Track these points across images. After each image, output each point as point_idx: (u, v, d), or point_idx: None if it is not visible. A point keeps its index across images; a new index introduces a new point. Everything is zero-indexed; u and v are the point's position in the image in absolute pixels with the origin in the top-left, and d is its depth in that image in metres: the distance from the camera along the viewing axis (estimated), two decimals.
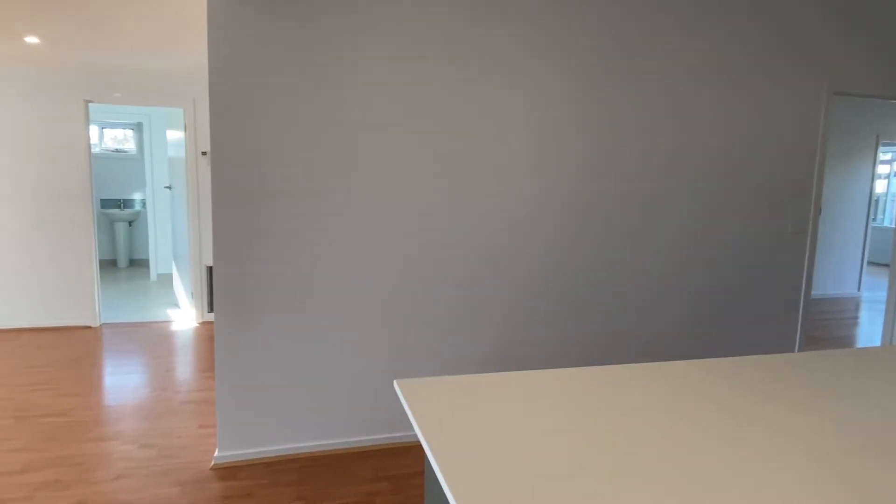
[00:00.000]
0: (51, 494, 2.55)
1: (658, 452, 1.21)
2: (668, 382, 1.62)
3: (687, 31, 3.23)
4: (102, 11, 3.11)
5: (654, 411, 1.42)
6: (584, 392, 1.54)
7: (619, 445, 1.23)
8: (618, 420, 1.36)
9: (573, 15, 3.03)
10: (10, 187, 4.86)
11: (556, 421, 1.35)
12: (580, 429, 1.31)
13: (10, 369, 4.06)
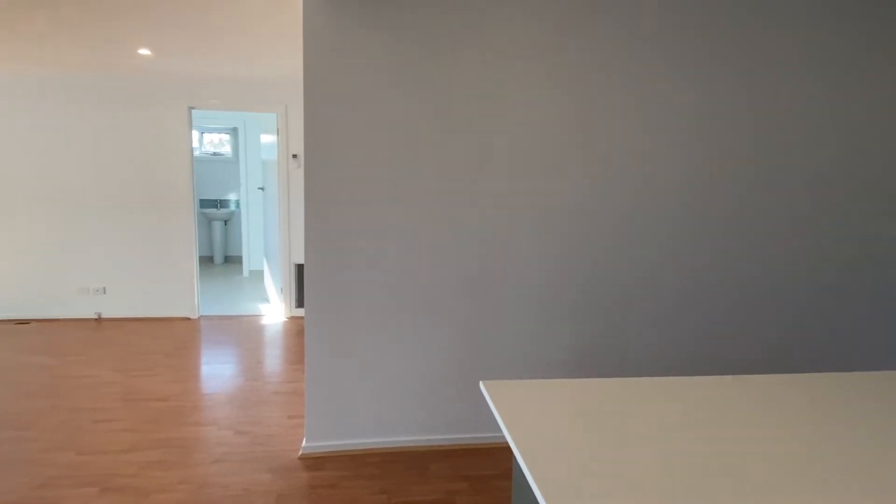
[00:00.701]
0: (156, 473, 2.75)
1: (769, 469, 1.13)
2: (774, 396, 1.52)
3: (782, 26, 3.02)
4: (207, 25, 3.33)
5: (753, 425, 1.33)
6: (678, 401, 1.47)
7: (716, 459, 1.16)
8: (711, 432, 1.29)
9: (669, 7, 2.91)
10: (121, 188, 5.30)
11: (652, 431, 1.30)
12: (681, 440, 1.25)
13: (120, 356, 4.42)
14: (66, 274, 5.34)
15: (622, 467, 1.13)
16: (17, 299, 5.31)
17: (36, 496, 2.53)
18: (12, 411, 3.38)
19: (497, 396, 1.48)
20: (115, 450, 2.96)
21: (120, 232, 5.35)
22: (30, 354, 4.40)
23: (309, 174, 2.76)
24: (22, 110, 5.11)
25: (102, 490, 2.59)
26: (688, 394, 1.52)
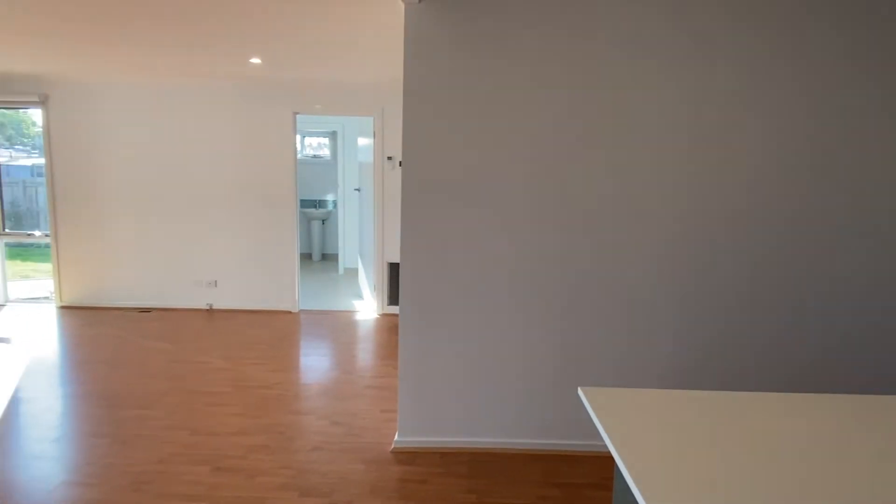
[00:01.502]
0: (260, 457, 2.93)
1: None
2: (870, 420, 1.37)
3: None
4: (313, 35, 3.50)
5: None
6: (797, 418, 1.36)
7: (842, 488, 1.07)
8: (836, 457, 1.18)
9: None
10: (232, 189, 5.69)
11: (768, 451, 1.21)
12: (798, 463, 1.16)
13: (230, 345, 4.75)
14: (184, 267, 5.82)
15: (735, 489, 1.06)
16: (141, 290, 5.85)
17: (157, 470, 2.78)
18: (137, 391, 3.73)
19: (597, 403, 1.44)
20: (226, 432, 3.18)
21: (231, 229, 5.76)
22: (151, 340, 4.83)
23: (406, 176, 2.83)
24: (148, 117, 5.62)
25: (214, 469, 2.80)
26: (809, 412, 1.41)
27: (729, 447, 1.23)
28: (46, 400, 3.58)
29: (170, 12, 3.10)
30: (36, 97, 5.54)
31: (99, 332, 5.02)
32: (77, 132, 5.64)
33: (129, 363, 4.25)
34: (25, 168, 10.59)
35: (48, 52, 4.25)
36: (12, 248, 7.31)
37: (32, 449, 2.97)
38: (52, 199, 5.72)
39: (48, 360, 4.32)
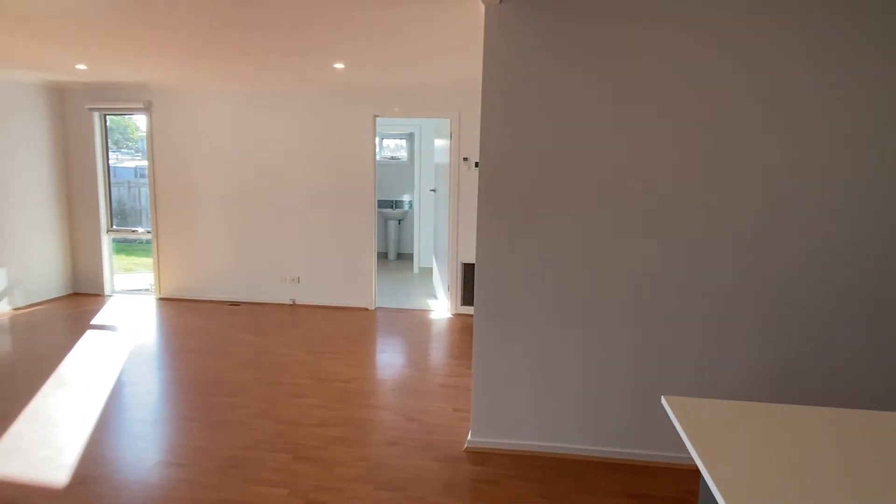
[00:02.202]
0: (339, 448, 3.02)
1: None
2: None
3: None
4: (393, 40, 3.58)
5: None
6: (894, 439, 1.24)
7: None
8: None
9: None
10: (315, 189, 5.92)
11: (867, 473, 1.12)
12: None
13: (310, 339, 4.94)
14: (269, 264, 6.11)
15: None
16: (231, 284, 6.20)
17: (243, 455, 2.93)
18: (226, 380, 3.96)
19: (683, 414, 1.39)
20: (307, 423, 3.31)
21: (313, 228, 5.99)
22: (240, 332, 5.11)
23: (483, 177, 2.83)
24: (238, 121, 5.95)
25: (295, 458, 2.92)
26: None
27: (827, 468, 1.14)
28: (146, 384, 3.86)
29: (261, 24, 3.26)
30: (141, 104, 6.00)
31: (193, 323, 5.37)
32: (176, 136, 6.06)
33: (220, 353, 4.52)
34: (130, 170, 11.53)
35: (153, 63, 4.59)
36: (118, 244, 7.95)
37: (134, 429, 3.22)
38: (154, 199, 6.17)
39: (148, 347, 4.67)
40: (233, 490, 2.61)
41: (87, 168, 6.26)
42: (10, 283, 5.69)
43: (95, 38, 3.74)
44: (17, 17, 3.27)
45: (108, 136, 6.40)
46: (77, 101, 6.15)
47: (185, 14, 3.14)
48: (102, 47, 4.04)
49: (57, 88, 6.10)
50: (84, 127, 6.19)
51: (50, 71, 5.15)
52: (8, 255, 5.64)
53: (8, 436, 3.09)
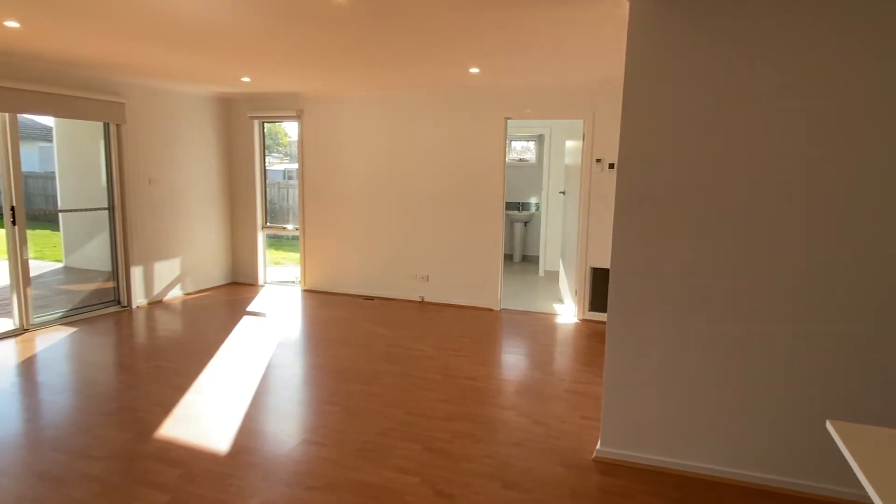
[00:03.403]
0: (466, 443, 3.10)
1: None
2: None
3: None
4: (531, 41, 3.59)
5: None
6: None
7: None
8: None
9: None
10: (447, 190, 6.09)
11: None
12: None
13: (438, 336, 5.10)
14: (401, 262, 6.40)
15: None
16: (366, 279, 6.58)
17: (377, 441, 3.10)
18: (361, 369, 4.21)
19: (853, 442, 1.25)
20: (435, 416, 3.43)
21: (443, 228, 6.17)
22: (373, 325, 5.40)
23: (622, 179, 2.75)
24: (377, 125, 6.29)
25: (425, 448, 3.03)
26: None
27: None
28: (292, 368, 4.22)
29: (403, 35, 3.43)
30: (294, 112, 6.57)
31: (332, 314, 5.77)
32: (322, 141, 6.55)
33: (356, 343, 4.81)
34: (279, 172, 12.67)
35: (305, 75, 5.01)
36: (269, 240, 8.74)
37: (282, 408, 3.53)
38: (302, 199, 6.72)
39: (293, 334, 5.10)
40: (368, 473, 2.78)
41: (247, 170, 6.97)
42: (183, 271, 6.50)
43: (259, 54, 4.16)
44: (199, 40, 3.73)
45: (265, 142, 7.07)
46: (240, 110, 6.87)
47: (334, 31, 3.39)
48: (264, 62, 4.49)
49: (224, 99, 6.86)
50: (245, 133, 6.91)
51: (220, 84, 5.81)
52: (182, 247, 6.45)
53: (182, 404, 3.54)
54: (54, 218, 10.54)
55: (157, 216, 6.09)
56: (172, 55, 4.30)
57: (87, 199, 7.07)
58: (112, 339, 4.87)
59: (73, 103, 5.11)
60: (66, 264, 7.79)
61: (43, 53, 4.38)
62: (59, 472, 2.73)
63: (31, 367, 4.15)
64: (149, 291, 6.08)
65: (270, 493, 2.59)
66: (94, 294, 5.99)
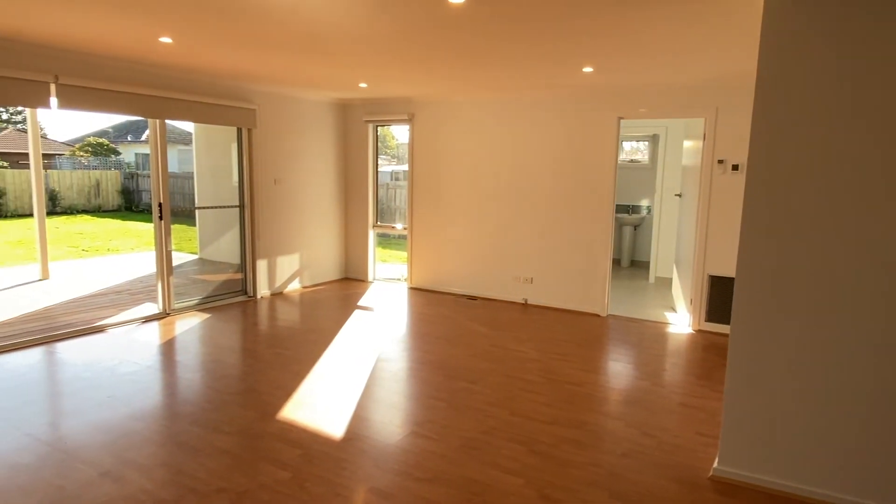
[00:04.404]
0: (571, 449, 3.04)
1: None
2: None
3: None
4: (643, 39, 3.45)
5: None
6: None
7: None
8: None
9: None
10: (555, 191, 6.01)
11: None
12: None
13: (541, 339, 5.04)
14: (505, 263, 6.40)
15: None
16: (470, 279, 6.65)
17: (482, 439, 3.13)
18: (465, 367, 4.26)
19: None
20: (540, 419, 3.40)
21: (549, 231, 6.10)
22: (477, 325, 5.45)
23: (752, 182, 2.57)
24: (485, 127, 6.34)
25: (529, 451, 3.02)
26: None
27: None
28: (399, 362, 4.37)
29: (519, 35, 3.44)
30: (406, 115, 6.79)
31: (437, 312, 5.90)
32: (432, 143, 6.72)
33: (460, 342, 4.89)
34: (386, 173, 13.14)
35: (418, 79, 5.17)
36: (377, 238, 9.10)
37: (391, 400, 3.67)
38: (411, 200, 6.93)
39: (400, 329, 5.27)
40: (473, 469, 2.82)
41: (360, 172, 7.30)
42: (301, 265, 6.93)
43: (377, 60, 4.35)
44: (324, 50, 3.97)
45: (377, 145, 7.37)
46: (356, 115, 7.22)
47: (450, 35, 3.46)
48: (381, 68, 4.69)
49: (341, 104, 7.24)
50: (359, 136, 7.24)
51: (339, 90, 6.14)
52: (301, 243, 6.89)
53: (300, 390, 3.78)
54: (191, 214, 11.64)
55: (280, 214, 6.55)
56: (300, 64, 4.61)
57: (219, 197, 7.75)
58: (239, 325, 5.31)
59: (212, 110, 5.62)
60: (201, 256, 8.59)
61: (188, 65, 4.86)
62: (196, 443, 3.03)
63: (171, 347, 4.62)
64: (271, 283, 6.55)
65: (381, 481, 2.70)
66: (224, 284, 6.56)
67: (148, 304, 5.81)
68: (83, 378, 3.88)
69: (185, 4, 3.03)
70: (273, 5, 3.00)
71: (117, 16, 3.29)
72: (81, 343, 4.64)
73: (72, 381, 3.84)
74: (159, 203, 5.33)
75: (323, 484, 2.67)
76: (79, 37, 3.88)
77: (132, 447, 2.96)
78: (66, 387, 3.74)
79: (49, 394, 3.63)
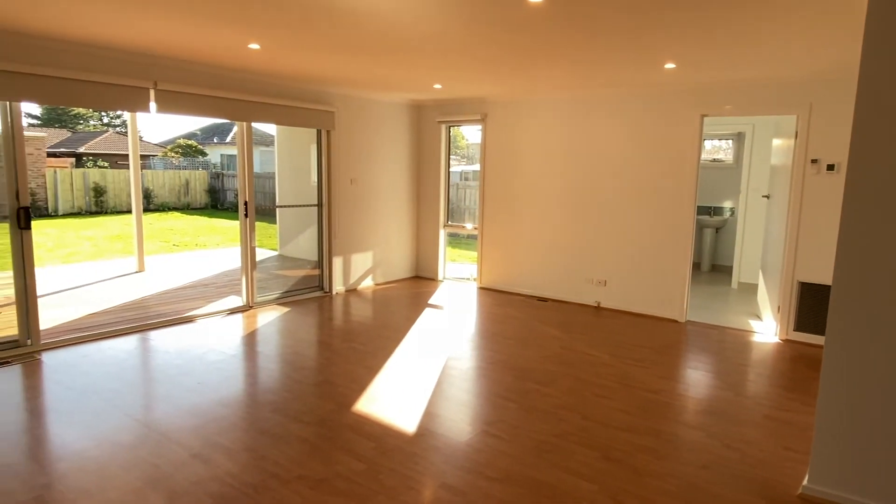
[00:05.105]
0: (648, 458, 2.95)
1: None
2: None
3: None
4: (730, 31, 3.29)
5: None
6: None
7: None
8: None
9: None
10: (631, 192, 5.84)
11: None
12: None
13: (615, 343, 4.92)
14: (578, 265, 6.29)
15: None
16: (542, 281, 6.58)
17: (554, 442, 3.09)
18: (536, 369, 4.22)
19: None
20: (614, 425, 3.32)
21: (625, 232, 5.93)
22: (547, 326, 5.39)
23: (853, 183, 2.40)
24: (559, 126, 6.25)
25: (603, 457, 2.95)
26: None
27: None
28: (469, 360, 4.39)
29: (599, 34, 3.37)
30: (479, 116, 6.81)
31: (506, 313, 5.87)
32: (504, 143, 6.70)
33: (530, 343, 4.85)
34: (456, 173, 13.22)
35: (493, 79, 5.17)
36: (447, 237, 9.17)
37: (461, 398, 3.69)
38: (482, 200, 6.94)
39: (470, 328, 5.29)
40: (545, 472, 2.79)
41: (432, 172, 7.39)
42: (375, 263, 7.10)
43: (453, 62, 4.39)
44: (401, 52, 4.05)
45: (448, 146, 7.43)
46: (429, 116, 7.31)
47: (527, 34, 3.44)
48: (456, 69, 4.72)
49: (415, 105, 7.35)
50: (432, 137, 7.33)
51: (414, 91, 6.24)
52: (374, 241, 7.05)
53: (374, 384, 3.87)
54: (270, 212, 12.19)
55: (354, 213, 6.74)
56: (377, 67, 4.73)
57: (298, 196, 8.07)
58: (316, 319, 5.51)
59: (294, 113, 5.86)
60: (281, 253, 8.98)
61: (273, 70, 5.09)
62: (277, 430, 3.17)
63: (253, 338, 4.86)
64: (346, 280, 6.75)
65: (452, 478, 2.73)
66: (302, 280, 6.83)
67: (232, 297, 6.13)
68: (175, 365, 4.15)
69: (272, 11, 3.18)
70: (355, 10, 3.09)
71: (212, 24, 3.49)
72: (173, 332, 4.96)
73: (165, 367, 4.12)
74: (245, 202, 5.61)
75: (396, 477, 2.72)
76: (176, 45, 4.16)
77: (219, 431, 3.14)
78: (160, 373, 4.02)
79: (145, 379, 3.91)
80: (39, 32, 3.85)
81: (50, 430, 3.14)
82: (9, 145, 4.06)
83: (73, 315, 5.36)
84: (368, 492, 2.59)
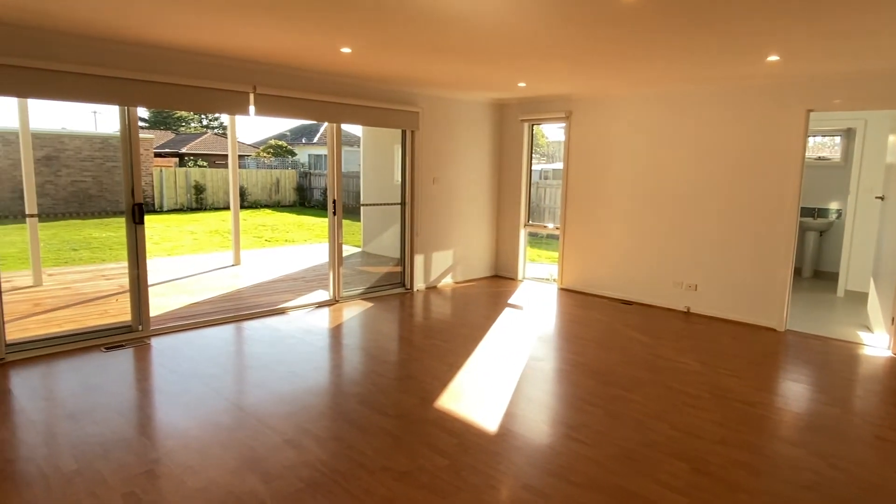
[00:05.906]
0: (743, 474, 2.79)
1: None
2: None
3: None
4: (850, 20, 3.03)
5: None
6: None
7: None
8: None
9: None
10: (726, 192, 5.54)
11: None
12: None
13: (705, 351, 4.68)
14: (666, 268, 6.04)
15: None
16: (626, 283, 6.38)
17: (641, 451, 2.99)
18: (620, 374, 4.10)
19: None
20: (706, 437, 3.17)
21: (718, 235, 5.64)
22: (632, 331, 5.21)
23: None
24: (649, 124, 6.02)
25: (693, 469, 2.82)
26: None
27: None
28: (551, 362, 4.33)
29: (696, 28, 3.22)
30: (563, 114, 6.69)
31: (588, 315, 5.74)
32: (589, 141, 6.54)
33: (613, 347, 4.71)
34: (536, 172, 13.09)
35: (579, 76, 5.06)
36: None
37: (543, 399, 3.65)
38: (565, 199, 6.82)
39: (551, 330, 5.22)
40: (631, 481, 2.71)
41: (513, 171, 7.35)
42: (455, 261, 7.16)
43: (539, 60, 4.34)
44: (488, 52, 4.05)
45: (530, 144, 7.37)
46: (512, 114, 7.27)
47: (620, 31, 3.34)
48: (542, 67, 4.66)
49: (498, 104, 7.33)
50: (514, 135, 7.29)
51: (498, 90, 6.23)
52: (455, 240, 7.11)
53: (455, 382, 3.91)
54: (355, 210, 12.57)
55: (436, 212, 6.83)
56: (464, 67, 4.76)
57: (381, 195, 8.29)
58: (398, 315, 5.63)
59: (381, 114, 6.01)
60: (365, 250, 9.25)
61: (362, 73, 5.25)
62: (363, 422, 3.27)
63: (339, 331, 5.04)
64: (427, 277, 6.85)
65: (535, 479, 2.70)
66: (385, 276, 7.00)
67: (320, 291, 6.39)
68: (268, 354, 4.38)
69: (364, 15, 3.27)
70: (443, 11, 3.13)
71: (309, 30, 3.65)
72: (266, 322, 5.24)
73: (259, 356, 4.35)
74: (334, 200, 5.83)
75: (478, 474, 2.74)
76: (274, 51, 4.38)
77: (310, 419, 3.28)
78: (255, 360, 4.25)
79: (241, 366, 4.16)
80: (152, 42, 4.18)
81: (158, 409, 3.40)
82: (126, 147, 4.44)
83: (177, 304, 5.78)
84: (452, 488, 2.62)
